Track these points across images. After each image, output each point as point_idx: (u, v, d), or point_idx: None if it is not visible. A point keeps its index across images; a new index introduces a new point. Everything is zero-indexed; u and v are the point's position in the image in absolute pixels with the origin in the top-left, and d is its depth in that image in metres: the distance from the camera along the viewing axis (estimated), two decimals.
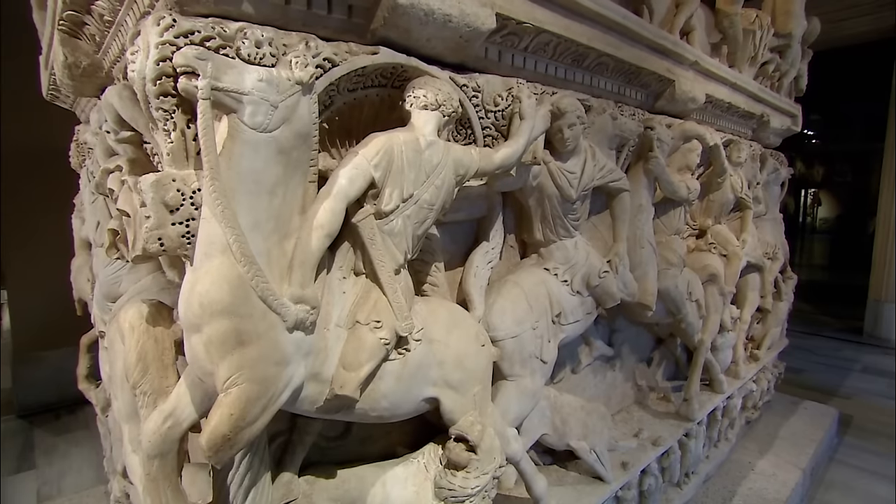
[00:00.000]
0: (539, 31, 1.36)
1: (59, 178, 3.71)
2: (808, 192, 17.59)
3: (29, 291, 3.91)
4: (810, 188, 17.51)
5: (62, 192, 3.77)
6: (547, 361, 1.58)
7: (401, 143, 1.07)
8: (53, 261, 3.90)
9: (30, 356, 3.94)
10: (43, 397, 3.96)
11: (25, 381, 3.95)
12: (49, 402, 3.98)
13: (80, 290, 2.10)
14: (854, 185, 14.87)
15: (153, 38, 0.82)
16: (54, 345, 3.93)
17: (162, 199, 0.85)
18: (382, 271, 1.08)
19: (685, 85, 2.01)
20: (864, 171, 12.17)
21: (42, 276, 3.85)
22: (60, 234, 3.88)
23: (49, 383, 3.97)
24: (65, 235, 3.89)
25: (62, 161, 3.24)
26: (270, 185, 0.92)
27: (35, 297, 3.91)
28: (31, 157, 3.72)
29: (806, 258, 14.40)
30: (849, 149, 14.03)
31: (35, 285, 3.88)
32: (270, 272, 0.92)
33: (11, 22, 3.50)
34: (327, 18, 1.04)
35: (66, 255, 3.64)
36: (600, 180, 1.65)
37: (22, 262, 3.86)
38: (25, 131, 3.68)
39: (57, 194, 3.81)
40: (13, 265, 3.89)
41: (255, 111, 0.87)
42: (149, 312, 1.03)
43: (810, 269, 12.50)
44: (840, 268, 11.70)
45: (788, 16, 3.07)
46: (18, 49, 3.46)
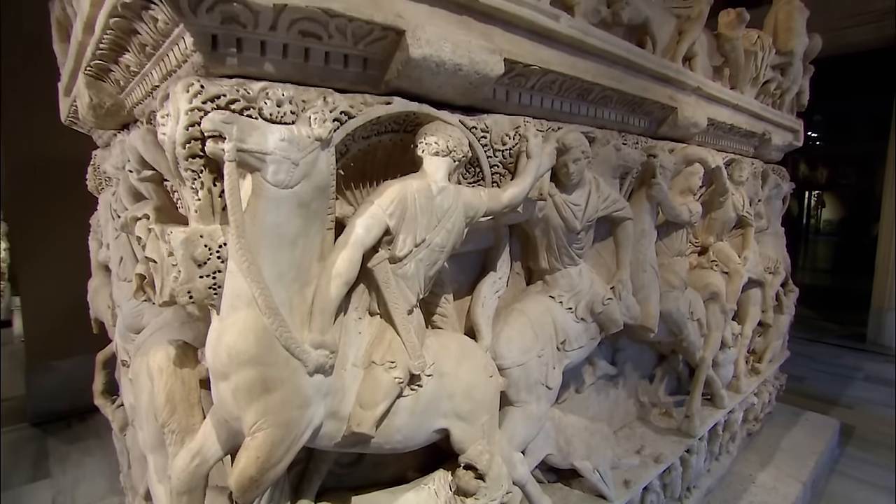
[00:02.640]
0: (545, 71, 1.41)
1: (72, 188, 3.79)
2: (812, 195, 17.54)
3: (42, 301, 3.98)
4: (814, 190, 17.46)
5: (74, 202, 3.86)
6: (552, 387, 1.63)
7: (413, 190, 1.13)
8: (66, 271, 3.97)
9: (43, 365, 4.01)
10: (55, 406, 4.04)
11: (38, 390, 4.02)
12: (61, 410, 4.05)
13: (97, 311, 2.16)
14: (858, 187, 14.84)
15: (183, 104, 0.88)
16: (66, 354, 4.01)
17: (191, 255, 0.90)
18: (396, 313, 1.14)
19: (687, 111, 2.05)
20: (869, 173, 12.16)
21: (55, 287, 3.92)
22: (73, 244, 3.97)
23: (61, 392, 4.04)
24: (77, 246, 3.98)
25: (74, 171, 3.31)
26: (292, 237, 0.97)
27: (48, 307, 3.98)
28: (43, 167, 3.77)
29: (809, 262, 14.38)
30: (853, 151, 14.00)
31: (48, 295, 3.95)
32: (292, 319, 0.97)
33: (15, 35, 3.57)
34: (343, 72, 1.09)
35: (79, 265, 3.72)
36: (604, 210, 1.69)
37: (35, 272, 3.93)
38: (36, 140, 3.73)
39: (69, 204, 3.89)
40: (26, 275, 3.96)
41: (277, 170, 0.92)
42: (175, 355, 1.08)
43: (814, 273, 12.50)
44: (844, 272, 11.68)
45: (790, 33, 3.11)
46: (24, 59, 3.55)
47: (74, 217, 3.97)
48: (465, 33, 1.21)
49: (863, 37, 5.94)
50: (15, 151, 3.74)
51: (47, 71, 3.18)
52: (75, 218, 3.96)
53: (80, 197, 3.95)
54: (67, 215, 3.89)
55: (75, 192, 3.89)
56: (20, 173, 3.75)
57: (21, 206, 3.84)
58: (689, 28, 2.08)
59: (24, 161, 3.73)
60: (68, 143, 3.77)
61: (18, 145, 3.72)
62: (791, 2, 3.17)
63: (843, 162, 15.92)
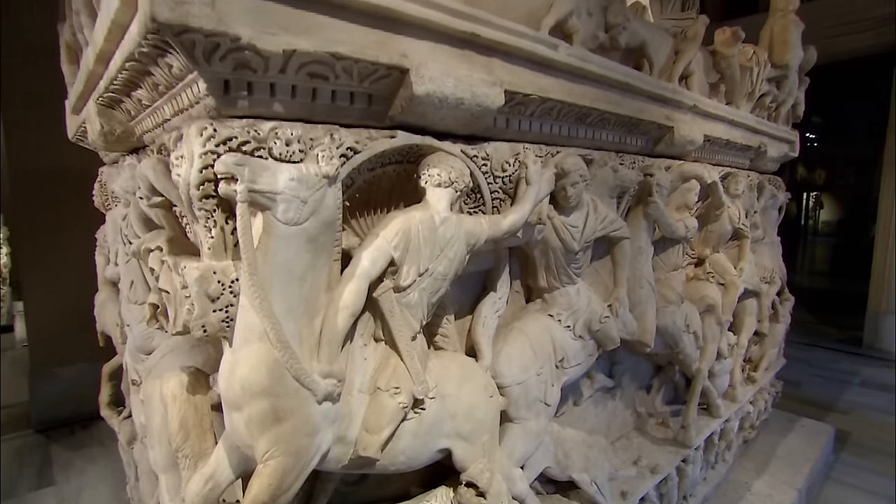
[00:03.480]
0: (544, 99, 1.45)
1: (76, 195, 3.85)
2: (810, 196, 17.60)
3: (45, 308, 4.01)
4: (812, 191, 17.52)
5: (79, 210, 3.91)
6: (550, 404, 1.68)
7: (417, 222, 1.17)
8: (70, 278, 4.02)
9: (46, 372, 4.04)
10: (58, 412, 4.07)
11: (42, 397, 4.05)
12: (64, 417, 4.08)
13: (104, 325, 2.20)
14: (856, 188, 14.90)
15: (196, 148, 0.91)
16: (70, 361, 4.04)
17: (205, 291, 0.94)
18: (401, 340, 1.18)
19: (683, 129, 2.09)
20: (867, 174, 12.22)
21: (58, 294, 3.96)
22: (77, 251, 4.00)
23: (64, 399, 4.08)
24: (81, 253, 4.02)
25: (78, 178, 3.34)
26: (301, 272, 1.01)
27: (51, 315, 4.01)
28: (48, 174, 3.80)
29: (807, 263, 14.42)
30: (851, 152, 14.05)
31: (51, 302, 3.98)
32: (301, 350, 1.01)
33: (16, 41, 3.60)
34: (349, 108, 1.13)
35: (83, 273, 3.77)
36: (602, 231, 1.74)
37: (39, 279, 3.96)
38: (40, 147, 3.75)
39: (73, 211, 3.93)
40: (30, 282, 3.99)
41: (287, 208, 0.96)
42: (188, 382, 1.12)
43: (811, 275, 12.54)
44: (841, 274, 11.74)
45: (785, 46, 3.15)
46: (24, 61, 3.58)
47: (78, 224, 4.02)
48: (467, 67, 1.25)
49: (859, 44, 5.99)
50: (18, 157, 3.76)
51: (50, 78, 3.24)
52: (79, 225, 4.01)
53: (84, 204, 3.99)
54: (72, 223, 3.93)
55: (79, 199, 3.94)
56: (24, 180, 3.77)
57: (25, 213, 3.86)
58: (686, 48, 2.12)
59: (28, 167, 3.75)
60: (72, 151, 3.81)
61: (22, 151, 3.74)
62: (786, 15, 3.22)
63: (841, 163, 15.98)
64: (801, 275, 12.26)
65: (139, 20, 0.82)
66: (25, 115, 3.66)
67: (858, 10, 5.79)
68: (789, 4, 3.21)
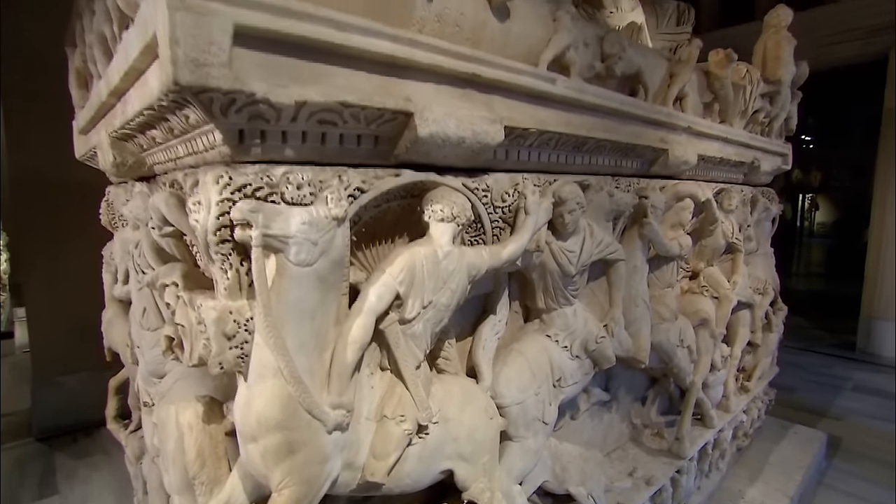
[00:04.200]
0: (543, 132, 1.51)
1: (79, 205, 3.88)
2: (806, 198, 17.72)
3: (48, 318, 4.04)
4: (808, 193, 17.63)
5: (82, 219, 3.95)
6: (548, 423, 1.73)
7: (421, 257, 1.22)
8: (72, 288, 4.05)
9: (49, 381, 4.07)
10: (61, 421, 4.10)
11: (44, 405, 4.08)
12: (67, 425, 4.11)
13: (111, 342, 2.24)
14: (852, 190, 15.03)
15: (213, 196, 0.96)
16: (72, 370, 4.08)
17: (222, 330, 1.00)
18: (406, 369, 1.23)
19: (678, 151, 2.15)
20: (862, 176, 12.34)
21: (61, 304, 4.00)
22: (79, 261, 4.04)
23: (67, 407, 4.11)
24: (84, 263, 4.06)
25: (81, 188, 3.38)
26: (312, 309, 1.06)
27: (54, 324, 4.04)
28: (51, 184, 3.83)
29: (803, 266, 14.53)
30: (847, 153, 14.16)
31: (54, 312, 4.02)
32: (312, 384, 1.06)
33: (17, 53, 3.63)
34: (356, 150, 1.18)
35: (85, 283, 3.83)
36: (598, 255, 1.79)
37: (41, 289, 4.00)
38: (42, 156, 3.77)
39: (76, 221, 3.97)
40: (33, 291, 4.02)
41: (299, 251, 1.01)
42: (204, 412, 1.18)
43: (806, 277, 12.63)
44: (835, 276, 11.84)
45: (778, 62, 3.22)
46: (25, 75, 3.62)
47: (81, 235, 4.05)
48: (469, 106, 1.30)
49: (852, 52, 6.08)
50: (21, 166, 3.78)
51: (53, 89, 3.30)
52: (82, 236, 4.05)
53: (86, 214, 4.04)
54: (74, 233, 3.97)
55: (82, 208, 3.98)
56: (27, 188, 3.80)
57: (28, 222, 3.88)
58: (680, 71, 2.18)
59: (31, 176, 3.78)
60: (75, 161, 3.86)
61: (25, 160, 3.76)
62: (779, 31, 3.28)
63: (837, 165, 16.10)
64: (797, 277, 12.37)
65: (161, 80, 0.87)
66: (28, 125, 3.69)
67: (850, 20, 5.88)
68: (782, 21, 3.28)
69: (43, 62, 3.63)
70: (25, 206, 3.82)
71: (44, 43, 3.62)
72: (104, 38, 1.41)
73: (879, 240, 6.03)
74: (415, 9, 1.21)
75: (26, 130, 3.72)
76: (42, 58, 3.65)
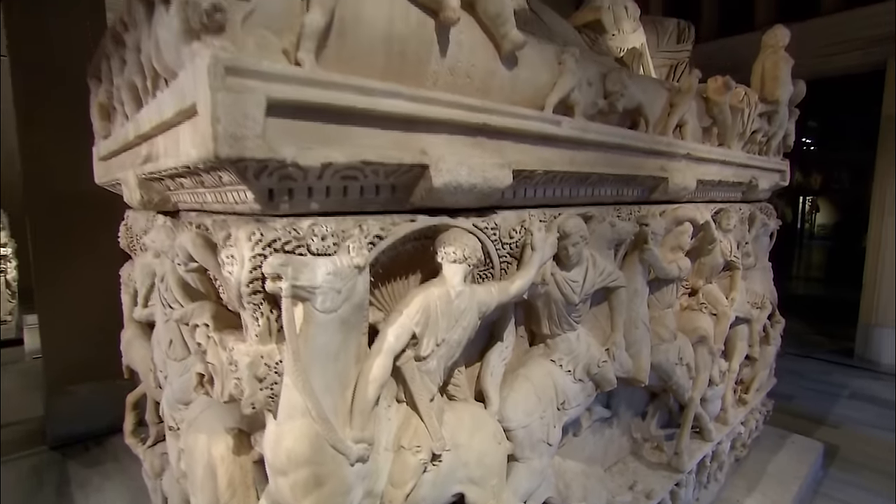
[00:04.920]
0: (549, 171, 1.59)
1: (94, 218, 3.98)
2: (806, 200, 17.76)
3: (60, 329, 4.13)
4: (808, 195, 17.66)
5: (96, 232, 4.05)
6: (552, 444, 1.82)
7: (435, 298, 1.30)
8: (84, 300, 4.15)
9: (61, 390, 4.16)
10: (73, 429, 4.19)
11: (57, 414, 4.17)
12: (78, 433, 4.20)
13: (131, 361, 2.32)
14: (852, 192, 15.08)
15: (246, 252, 1.05)
16: (83, 379, 4.17)
17: (254, 374, 1.08)
18: (421, 402, 1.32)
19: (677, 178, 2.23)
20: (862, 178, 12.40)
21: (73, 315, 4.09)
22: (92, 274, 4.14)
23: (78, 416, 4.20)
24: (96, 276, 4.16)
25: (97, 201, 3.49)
26: (335, 352, 1.14)
27: (66, 335, 4.13)
28: (67, 196, 3.91)
29: (803, 269, 14.56)
30: (846, 156, 14.20)
31: (66, 323, 4.11)
32: (336, 420, 1.15)
33: (35, 68, 3.72)
34: (375, 199, 1.26)
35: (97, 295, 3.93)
36: (600, 283, 1.87)
37: (55, 301, 4.09)
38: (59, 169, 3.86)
39: (89, 233, 4.06)
40: (46, 303, 4.11)
41: (324, 299, 1.10)
42: (234, 444, 1.26)
43: (807, 282, 12.68)
44: (835, 279, 11.89)
45: (776, 82, 3.29)
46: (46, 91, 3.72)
47: (95, 245, 4.16)
48: (480, 154, 1.38)
49: (850, 62, 6.15)
50: (37, 178, 3.86)
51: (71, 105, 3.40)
52: (95, 246, 4.15)
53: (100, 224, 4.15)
54: (87, 243, 4.07)
55: (97, 220, 4.09)
56: (43, 199, 3.88)
57: (41, 231, 3.96)
58: (680, 101, 2.25)
59: (47, 188, 3.86)
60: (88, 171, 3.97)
61: (41, 172, 3.85)
62: (777, 52, 3.36)
63: (837, 167, 16.14)
64: (797, 281, 12.43)
65: (201, 151, 0.95)
66: (43, 135, 3.78)
67: (850, 31, 5.94)
68: (779, 41, 3.35)
69: (61, 76, 3.74)
70: (39, 215, 3.89)
71: (62, 58, 3.73)
72: (134, 87, 1.49)
73: (878, 247, 6.10)
74: (429, 64, 1.29)
75: (41, 140, 3.80)
76: (60, 72, 3.75)
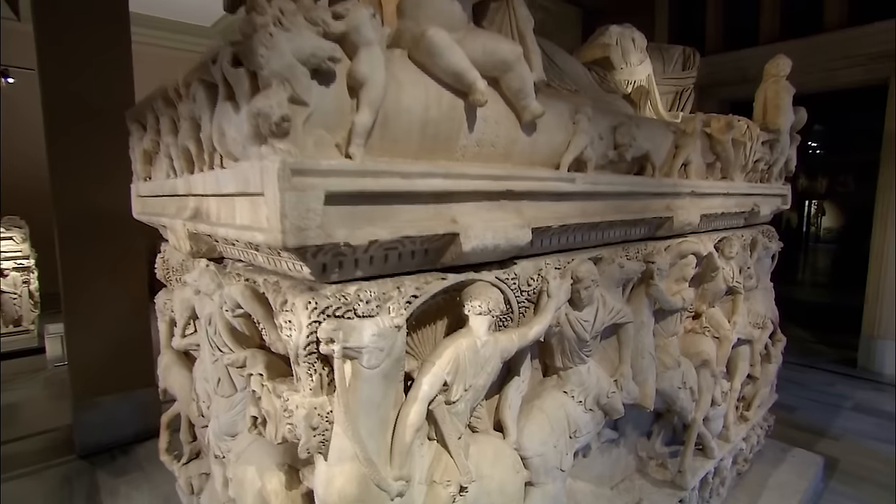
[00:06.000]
0: (563, 225, 1.73)
1: (122, 236, 4.17)
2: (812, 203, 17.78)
3: (86, 342, 4.32)
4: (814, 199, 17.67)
5: (121, 247, 4.24)
6: (565, 469, 1.96)
7: (464, 349, 1.45)
8: (110, 316, 4.34)
9: (88, 402, 4.34)
10: (100, 439, 4.38)
11: (85, 425, 4.35)
12: (105, 443, 4.39)
13: (168, 385, 2.49)
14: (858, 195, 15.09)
15: (304, 319, 1.20)
16: (108, 391, 4.36)
17: (309, 424, 1.23)
18: (450, 441, 1.47)
19: (682, 216, 2.37)
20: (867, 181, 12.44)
21: (99, 330, 4.29)
22: (115, 288, 4.32)
23: (104, 426, 4.39)
24: (120, 289, 4.34)
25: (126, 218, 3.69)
26: (378, 401, 1.30)
27: (93, 348, 4.32)
28: (96, 214, 4.10)
29: (809, 273, 14.57)
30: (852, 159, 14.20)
31: (92, 337, 4.30)
32: (378, 461, 1.30)
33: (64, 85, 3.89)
34: (411, 262, 1.41)
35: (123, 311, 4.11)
36: (610, 321, 2.02)
37: (81, 317, 4.27)
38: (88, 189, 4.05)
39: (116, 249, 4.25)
40: (73, 321, 4.29)
41: (370, 357, 1.25)
42: (286, 480, 1.42)
43: (812, 287, 12.70)
44: (840, 284, 11.91)
45: (778, 111, 3.41)
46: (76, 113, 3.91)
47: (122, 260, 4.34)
48: (502, 216, 1.53)
49: (853, 78, 6.24)
50: (64, 194, 4.03)
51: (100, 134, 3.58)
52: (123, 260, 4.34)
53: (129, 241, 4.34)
54: (115, 259, 4.25)
55: (124, 236, 4.28)
56: (72, 216, 4.05)
57: (71, 247, 4.13)
58: (685, 143, 2.39)
59: (76, 206, 4.05)
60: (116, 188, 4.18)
61: (69, 187, 4.04)
62: (779, 81, 3.48)
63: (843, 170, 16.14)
64: (802, 286, 12.48)
65: (269, 240, 1.10)
66: (73, 152, 3.98)
67: (852, 47, 6.04)
68: (781, 71, 3.47)
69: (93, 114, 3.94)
70: (67, 229, 4.06)
71: (88, 77, 3.92)
72: (187, 150, 1.65)
73: (880, 260, 6.19)
74: (458, 139, 1.44)
75: (70, 154, 3.99)
76: (90, 101, 3.95)
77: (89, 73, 3.98)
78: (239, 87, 1.13)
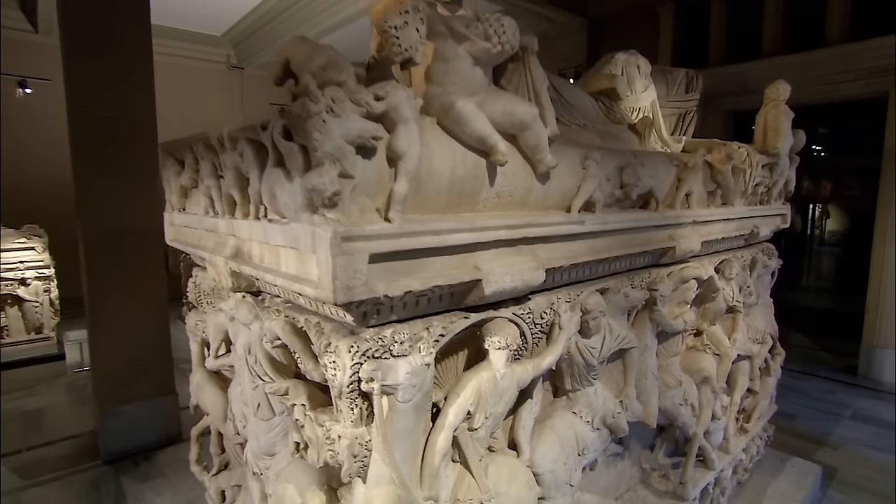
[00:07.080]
0: (573, 263, 1.89)
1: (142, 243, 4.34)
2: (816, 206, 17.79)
3: (110, 352, 4.51)
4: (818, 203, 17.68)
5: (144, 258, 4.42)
6: (574, 485, 2.13)
7: (485, 381, 1.61)
8: (132, 328, 4.52)
9: (111, 410, 4.52)
10: (124, 445, 4.57)
11: (109, 432, 4.54)
12: (128, 449, 4.58)
13: (201, 402, 2.66)
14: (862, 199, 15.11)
15: (347, 361, 1.36)
16: (131, 400, 4.55)
17: (352, 452, 1.40)
18: (472, 463, 1.63)
19: (684, 245, 2.52)
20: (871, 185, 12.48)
21: (122, 342, 4.47)
22: (137, 298, 4.50)
23: (127, 433, 4.58)
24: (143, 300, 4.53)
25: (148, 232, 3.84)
26: (410, 430, 1.46)
27: (116, 358, 4.51)
28: (120, 229, 4.29)
29: (812, 278, 14.61)
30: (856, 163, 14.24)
31: (116, 349, 4.48)
32: (410, 483, 1.46)
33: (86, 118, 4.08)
34: (438, 304, 1.57)
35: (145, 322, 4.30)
36: (616, 347, 2.18)
37: (105, 328, 4.45)
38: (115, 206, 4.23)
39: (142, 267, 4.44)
40: (97, 332, 4.48)
41: (405, 393, 1.41)
42: (327, 500, 1.59)
43: (816, 292, 12.76)
44: (843, 290, 11.96)
45: (777, 134, 3.55)
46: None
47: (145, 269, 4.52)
48: (518, 259, 1.68)
49: (854, 91, 6.36)
50: (90, 204, 4.21)
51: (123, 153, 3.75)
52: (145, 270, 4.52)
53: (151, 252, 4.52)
54: (138, 270, 4.43)
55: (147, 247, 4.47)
56: (95, 225, 4.23)
57: (96, 258, 4.31)
58: (687, 177, 2.54)
59: (101, 223, 4.23)
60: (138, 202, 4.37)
61: (97, 211, 4.21)
62: (778, 105, 3.61)
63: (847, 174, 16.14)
64: (805, 292, 12.55)
65: (320, 296, 1.26)
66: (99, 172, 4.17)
67: (853, 61, 6.15)
68: (780, 95, 3.60)
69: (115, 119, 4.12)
70: (92, 240, 4.24)
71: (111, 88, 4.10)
72: (230, 197, 1.81)
73: (880, 271, 6.31)
74: (481, 193, 1.60)
75: (95, 167, 4.18)
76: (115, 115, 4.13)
77: (112, 87, 4.14)
78: (291, 160, 1.29)
